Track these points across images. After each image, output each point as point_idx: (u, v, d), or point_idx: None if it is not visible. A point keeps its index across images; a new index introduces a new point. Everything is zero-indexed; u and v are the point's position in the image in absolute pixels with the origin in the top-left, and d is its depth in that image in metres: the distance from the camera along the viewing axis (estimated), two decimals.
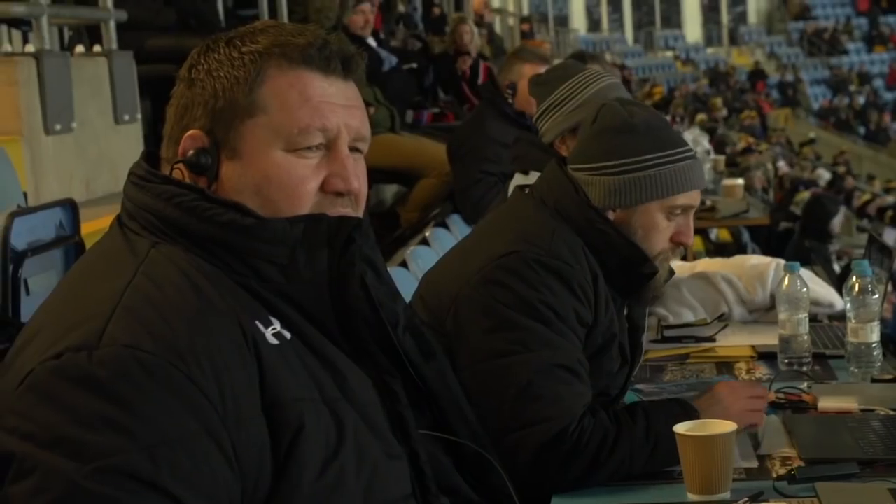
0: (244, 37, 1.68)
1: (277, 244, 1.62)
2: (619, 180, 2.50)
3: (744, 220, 7.07)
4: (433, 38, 10.16)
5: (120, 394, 1.46)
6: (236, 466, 1.50)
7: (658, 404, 2.45)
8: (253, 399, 1.53)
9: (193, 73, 1.68)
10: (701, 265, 3.87)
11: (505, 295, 2.38)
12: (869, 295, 2.91)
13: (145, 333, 1.50)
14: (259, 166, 1.64)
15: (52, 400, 1.46)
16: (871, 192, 22.25)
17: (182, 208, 1.62)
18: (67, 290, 1.65)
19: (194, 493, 1.45)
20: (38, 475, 1.42)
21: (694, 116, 20.87)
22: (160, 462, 1.44)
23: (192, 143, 1.65)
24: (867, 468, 2.28)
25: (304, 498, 1.54)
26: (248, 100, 1.64)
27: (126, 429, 1.44)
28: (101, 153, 4.81)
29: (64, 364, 1.48)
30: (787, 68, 34.30)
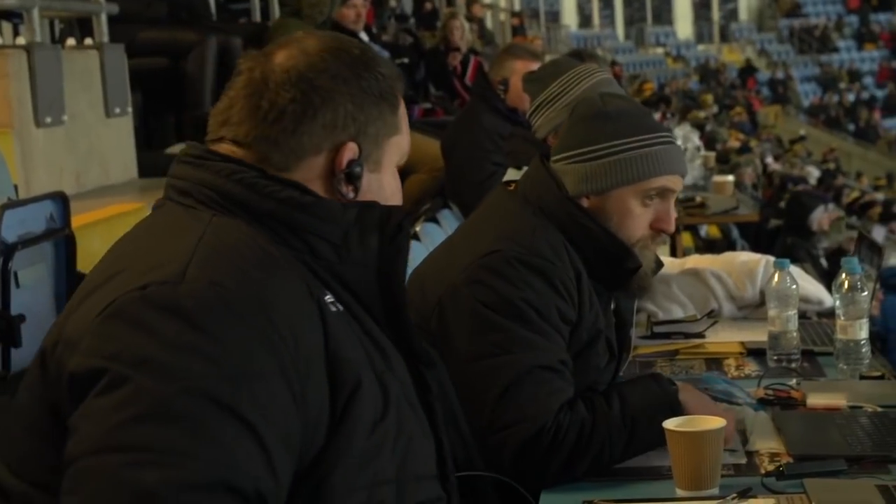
0: (373, 57, 1.80)
1: (332, 223, 1.69)
2: (591, 166, 2.50)
3: (733, 216, 7.07)
4: (424, 34, 10.16)
5: (205, 324, 1.52)
6: (302, 413, 1.56)
7: (634, 383, 2.45)
8: (318, 352, 1.60)
9: (317, 79, 1.72)
10: (690, 261, 3.87)
11: (487, 294, 2.38)
12: (858, 292, 2.92)
13: (227, 276, 1.57)
14: (386, 181, 1.80)
15: (138, 325, 1.52)
16: (859, 189, 22.30)
17: (243, 184, 1.68)
18: (131, 246, 1.70)
19: (268, 426, 1.51)
20: (126, 389, 1.47)
21: (685, 113, 20.88)
22: (241, 392, 1.50)
23: (349, 153, 1.73)
24: (855, 465, 2.29)
25: (353, 456, 1.61)
26: (392, 119, 1.78)
27: (210, 357, 1.50)
28: (91, 146, 4.81)
29: (150, 294, 1.54)
30: (778, 65, 34.34)
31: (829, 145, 27.45)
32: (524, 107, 5.40)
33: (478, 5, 13.49)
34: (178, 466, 1.44)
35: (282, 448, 1.53)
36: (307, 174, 1.72)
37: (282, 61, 1.73)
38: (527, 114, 5.37)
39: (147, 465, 1.43)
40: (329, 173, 1.73)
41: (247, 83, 1.74)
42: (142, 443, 1.45)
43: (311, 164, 1.72)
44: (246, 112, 1.72)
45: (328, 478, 1.59)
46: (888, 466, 2.30)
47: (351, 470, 1.61)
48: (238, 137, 1.73)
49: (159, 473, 1.43)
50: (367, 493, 1.63)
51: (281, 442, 1.53)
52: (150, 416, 1.46)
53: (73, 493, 1.46)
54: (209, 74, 5.68)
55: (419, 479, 1.72)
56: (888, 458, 2.32)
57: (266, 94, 1.71)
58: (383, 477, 1.65)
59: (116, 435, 1.45)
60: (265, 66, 1.74)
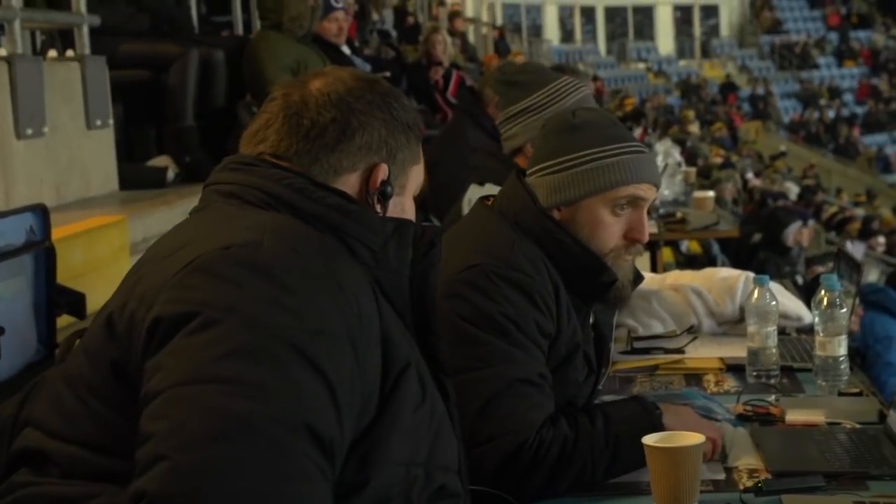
0: (399, 91, 1.94)
1: (373, 232, 1.81)
2: (559, 178, 2.51)
3: (714, 232, 7.08)
4: (406, 48, 10.18)
5: (286, 282, 1.62)
6: (362, 379, 1.65)
7: (618, 405, 2.46)
8: (375, 328, 1.70)
9: (355, 103, 1.85)
10: (671, 277, 3.89)
11: (466, 309, 2.38)
12: (837, 309, 2.93)
13: (301, 247, 1.68)
14: (408, 205, 1.93)
15: (224, 278, 1.62)
16: (839, 205, 22.40)
17: (292, 188, 1.78)
18: (191, 229, 1.78)
19: (341, 383, 1.60)
20: (219, 329, 1.56)
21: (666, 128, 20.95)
22: (320, 346, 1.59)
23: (381, 174, 1.85)
24: (833, 481, 2.30)
25: (399, 432, 1.70)
26: (417, 149, 1.92)
27: (292, 311, 1.59)
28: (72, 158, 4.79)
29: (234, 252, 1.64)
30: (759, 81, 34.48)
31: (809, 161, 27.57)
32: None
33: (460, 20, 13.54)
34: (268, 401, 1.52)
35: (348, 408, 1.61)
36: (343, 189, 1.82)
37: (320, 87, 1.85)
38: None
39: (240, 396, 1.51)
40: (363, 192, 1.85)
41: (285, 105, 1.84)
42: (235, 376, 1.53)
43: (347, 181, 1.84)
44: (286, 130, 1.83)
45: (375, 449, 1.67)
46: (866, 483, 2.31)
47: (396, 445, 1.70)
48: (279, 152, 1.82)
49: (251, 405, 1.51)
50: (405, 470, 1.72)
51: (348, 403, 1.61)
52: (242, 354, 1.55)
53: (164, 417, 1.52)
54: (191, 87, 5.67)
55: (445, 469, 1.81)
56: (866, 475, 2.33)
57: (307, 114, 1.82)
58: (418, 458, 1.75)
59: (210, 368, 1.53)
60: (303, 91, 1.85)
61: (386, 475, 1.69)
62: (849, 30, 37.61)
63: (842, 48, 36.89)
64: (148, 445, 1.50)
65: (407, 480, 1.72)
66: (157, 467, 1.47)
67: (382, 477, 1.68)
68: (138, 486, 1.48)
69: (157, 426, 1.51)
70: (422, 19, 12.71)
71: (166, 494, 1.46)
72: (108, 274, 3.61)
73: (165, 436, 1.50)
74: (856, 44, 37.09)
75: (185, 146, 5.62)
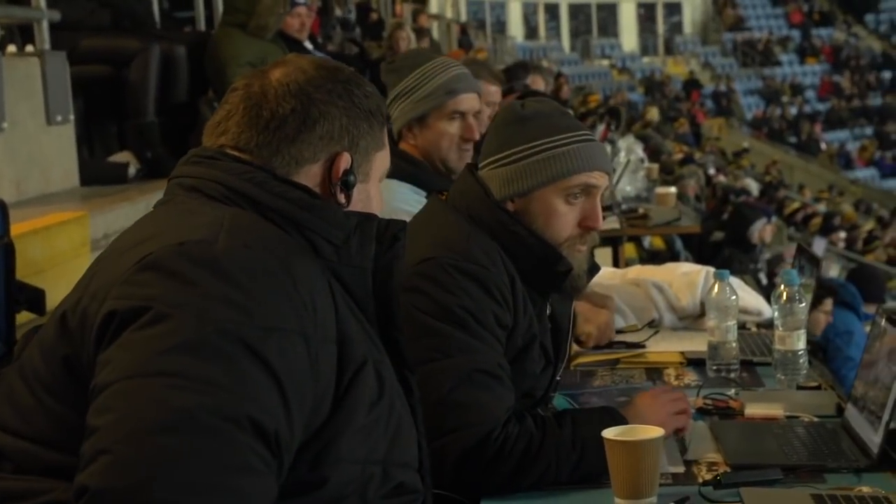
0: (361, 78, 1.94)
1: (336, 226, 1.81)
2: (511, 169, 2.52)
3: (676, 227, 7.11)
4: (370, 44, 10.16)
5: (238, 278, 1.62)
6: (315, 377, 1.66)
7: (587, 412, 2.46)
8: (331, 325, 1.71)
9: (315, 93, 1.84)
10: (632, 272, 3.90)
11: (423, 301, 2.39)
12: (796, 303, 2.95)
13: (256, 244, 1.69)
14: (373, 192, 1.93)
15: (174, 274, 1.62)
16: (801, 201, 22.54)
17: (253, 182, 1.78)
18: (150, 225, 1.78)
19: (290, 380, 1.61)
20: (168, 323, 1.57)
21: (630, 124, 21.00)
22: (270, 342, 1.60)
23: (344, 163, 1.85)
24: (791, 474, 2.32)
25: (354, 431, 1.71)
26: (380, 135, 1.92)
27: (243, 308, 1.60)
28: (32, 154, 4.76)
29: (186, 248, 1.65)
30: (721, 78, 34.63)
31: (772, 158, 27.72)
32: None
33: (424, 16, 13.52)
34: (213, 395, 1.54)
35: (298, 403, 1.62)
36: (305, 181, 1.83)
37: (280, 77, 1.84)
38: None
39: (186, 390, 1.53)
40: (326, 181, 1.85)
41: (245, 96, 1.84)
42: (181, 370, 1.54)
43: (309, 171, 1.84)
44: (246, 122, 1.82)
45: (330, 448, 1.69)
46: (823, 476, 2.33)
47: (351, 443, 1.71)
48: (240, 145, 1.82)
49: (196, 398, 1.53)
50: (361, 469, 1.73)
51: (298, 397, 1.62)
52: (189, 348, 1.56)
53: (109, 410, 1.52)
54: (152, 83, 5.64)
55: (404, 466, 1.82)
56: (823, 468, 2.35)
57: (267, 105, 1.82)
58: (375, 456, 1.76)
59: (156, 361, 1.54)
60: (263, 81, 1.84)
61: (340, 473, 1.69)
62: (811, 27, 37.84)
63: (804, 45, 37.10)
64: (92, 439, 1.51)
65: (363, 479, 1.73)
66: (99, 461, 1.48)
67: (337, 475, 1.69)
68: (80, 480, 1.48)
69: (101, 420, 1.52)
70: (385, 15, 12.69)
71: (108, 489, 1.46)
72: (69, 270, 3.58)
73: (108, 429, 1.50)
74: (818, 41, 37.31)
75: (147, 142, 5.59)
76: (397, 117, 3.45)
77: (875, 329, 2.58)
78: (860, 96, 34.69)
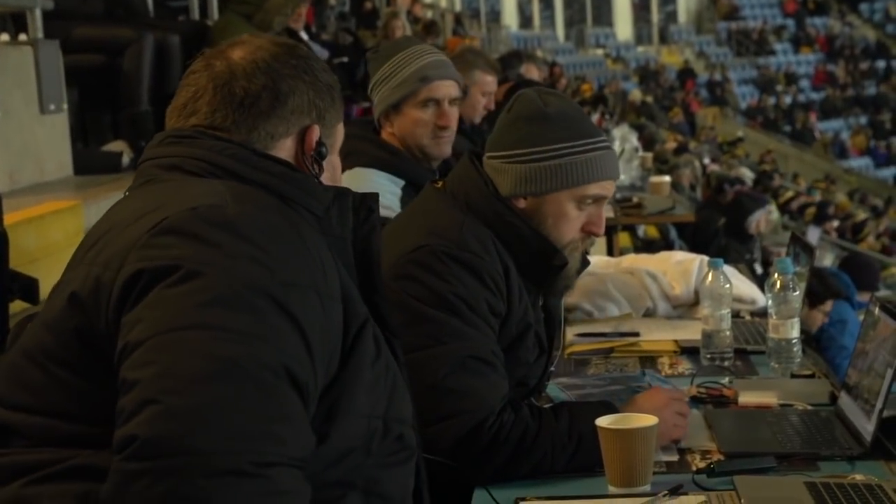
0: (314, 54, 1.96)
1: (316, 198, 1.84)
2: (530, 168, 2.51)
3: (669, 216, 7.11)
4: (365, 33, 10.15)
5: (256, 238, 1.66)
6: (329, 331, 1.70)
7: (584, 405, 2.47)
8: (336, 285, 1.74)
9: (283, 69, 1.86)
10: (626, 261, 3.91)
11: (416, 289, 2.39)
12: (790, 292, 2.96)
13: (263, 206, 1.72)
14: (336, 162, 1.97)
15: (195, 236, 1.64)
16: (795, 190, 22.56)
17: (235, 158, 1.80)
18: (143, 199, 1.77)
19: (313, 332, 1.65)
20: (200, 280, 1.60)
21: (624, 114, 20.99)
22: (292, 296, 1.64)
23: (315, 135, 1.88)
24: (784, 462, 2.32)
25: (361, 385, 1.75)
26: (340, 107, 1.95)
27: (266, 265, 1.64)
28: (25, 143, 4.75)
29: (201, 212, 1.67)
30: (716, 67, 34.60)
31: (767, 147, 27.71)
32: (472, 116, 5.40)
33: (418, 5, 13.49)
34: (252, 345, 1.57)
35: (320, 357, 1.66)
36: (281, 155, 1.85)
37: (244, 55, 1.86)
38: (471, 123, 5.38)
39: (227, 341, 1.56)
40: (298, 154, 1.88)
41: (212, 76, 1.84)
42: (220, 323, 1.57)
43: (284, 145, 1.86)
44: (219, 100, 1.83)
45: (341, 401, 1.72)
46: (817, 464, 2.33)
47: (359, 397, 1.75)
48: (215, 123, 1.83)
49: (237, 348, 1.56)
50: (367, 422, 1.77)
51: (319, 350, 1.66)
52: (224, 302, 1.59)
53: (150, 363, 1.53)
54: (146, 72, 5.63)
55: (401, 421, 1.85)
56: (817, 456, 2.36)
57: (238, 83, 1.83)
58: (378, 411, 1.80)
59: (195, 314, 1.57)
60: (227, 61, 1.85)
61: (349, 426, 1.73)
62: (805, 16, 37.79)
63: (798, 35, 37.06)
64: (133, 392, 1.52)
65: (368, 432, 1.77)
66: (147, 411, 1.49)
67: (346, 428, 1.73)
68: (126, 431, 1.49)
69: (142, 373, 1.53)
70: (380, 4, 12.66)
71: (158, 436, 1.47)
72: (62, 259, 3.57)
73: (153, 380, 1.51)
74: (812, 30, 37.27)
75: (140, 131, 5.58)
76: (376, 105, 3.44)
77: (869, 318, 2.59)
78: (854, 85, 34.68)
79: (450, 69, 3.46)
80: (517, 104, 2.58)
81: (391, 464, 1.82)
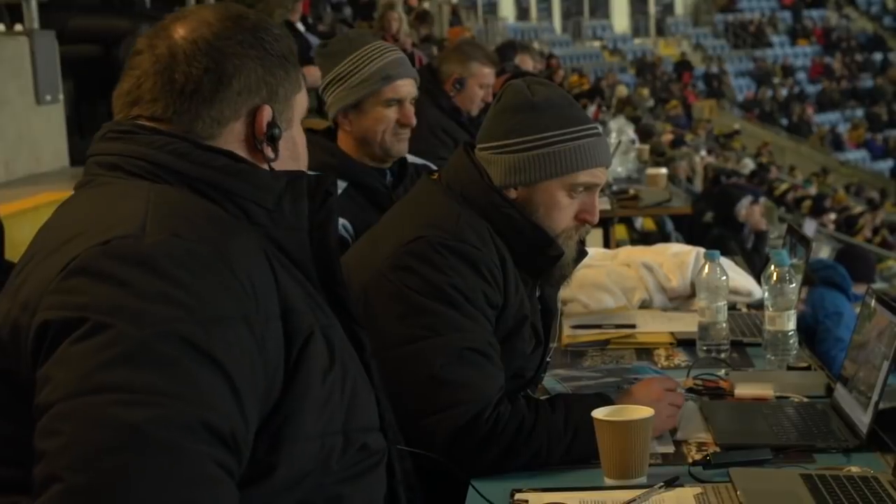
0: (267, 20, 1.84)
1: (265, 190, 1.74)
2: (519, 158, 2.50)
3: (666, 209, 7.12)
4: (361, 24, 10.12)
5: (171, 273, 1.55)
6: (264, 360, 1.60)
7: (580, 397, 2.46)
8: (273, 301, 1.64)
9: (226, 48, 1.75)
10: (623, 253, 3.91)
11: (413, 280, 2.38)
12: (786, 284, 2.96)
13: (185, 229, 1.61)
14: (298, 137, 1.86)
15: (105, 277, 1.54)
16: (790, 182, 22.56)
17: (176, 154, 1.70)
18: (71, 218, 1.69)
19: (240, 371, 1.55)
20: (106, 334, 1.49)
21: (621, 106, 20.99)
22: (213, 335, 1.53)
23: (266, 115, 1.77)
24: (780, 454, 2.33)
25: (309, 405, 1.66)
26: (296, 77, 1.83)
27: (180, 302, 1.53)
28: (21, 133, 4.75)
29: (112, 247, 1.56)
30: (713, 60, 34.59)
31: (763, 139, 27.72)
32: (470, 108, 5.39)
33: None
34: (160, 405, 1.47)
35: (249, 393, 1.57)
36: (230, 140, 1.76)
37: (185, 34, 1.75)
38: (468, 115, 5.36)
39: (132, 405, 1.46)
40: (250, 137, 1.77)
41: (154, 61, 1.74)
42: (125, 383, 1.47)
43: (233, 130, 1.76)
44: (160, 89, 1.73)
45: (287, 426, 1.63)
46: (813, 456, 2.34)
47: (307, 418, 1.66)
48: (156, 114, 1.74)
49: (145, 412, 1.46)
50: (321, 442, 1.68)
51: (249, 387, 1.56)
52: (130, 359, 1.48)
53: (55, 434, 1.46)
54: None
55: (365, 429, 1.78)
56: (813, 448, 2.36)
57: (178, 68, 1.73)
58: (334, 427, 1.70)
59: (99, 377, 1.47)
60: (169, 41, 1.75)
61: (300, 452, 1.64)
62: (802, 9, 37.78)
63: (795, 27, 37.05)
64: (42, 464, 1.45)
65: (323, 452, 1.68)
66: (52, 489, 1.42)
67: (295, 455, 1.64)
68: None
69: (48, 444, 1.45)
70: None
71: None
72: None
73: (56, 454, 1.44)
74: (809, 22, 37.27)
75: None
76: (332, 103, 3.36)
77: (865, 310, 2.59)
78: (851, 78, 34.69)
79: (409, 67, 3.40)
80: (505, 95, 2.58)
81: (356, 475, 1.75)
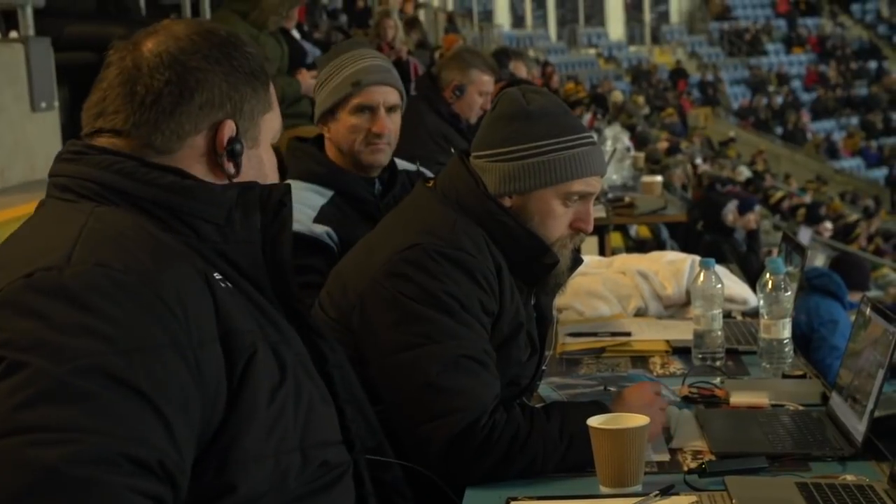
0: (239, 38, 1.83)
1: (214, 205, 1.73)
2: (514, 166, 2.50)
3: (661, 216, 7.12)
4: (357, 32, 10.13)
5: (93, 303, 1.53)
6: (199, 384, 1.58)
7: (576, 405, 2.46)
8: (211, 326, 1.63)
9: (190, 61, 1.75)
10: (618, 261, 3.91)
11: (409, 287, 2.38)
12: (782, 292, 2.96)
13: (112, 257, 1.59)
14: (265, 156, 1.85)
15: (25, 311, 1.53)
16: (785, 190, 22.58)
17: (122, 173, 1.70)
18: (12, 244, 1.70)
19: (166, 397, 1.53)
20: (22, 373, 1.48)
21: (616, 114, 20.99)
22: (135, 365, 1.52)
23: (228, 131, 1.76)
24: (776, 462, 2.32)
25: (257, 425, 1.64)
26: (266, 96, 1.82)
27: (101, 334, 1.51)
28: (16, 141, 4.74)
29: (35, 280, 1.55)
30: (708, 68, 34.64)
31: (758, 147, 27.75)
32: (469, 115, 5.39)
33: (410, 3, 13.48)
34: (78, 442, 1.45)
35: (181, 419, 1.55)
36: (189, 155, 1.75)
37: (152, 47, 1.75)
38: (468, 122, 5.36)
39: (47, 444, 1.44)
40: (211, 152, 1.76)
41: (119, 73, 1.75)
42: (40, 423, 1.45)
43: (193, 144, 1.75)
44: (122, 100, 1.74)
45: (234, 447, 1.62)
46: (808, 464, 2.33)
47: (256, 438, 1.64)
48: (116, 126, 1.74)
49: (59, 450, 1.44)
50: (274, 461, 1.66)
51: (180, 413, 1.54)
52: (46, 397, 1.47)
53: None
54: None
55: (324, 445, 1.75)
56: (808, 456, 2.36)
57: (140, 80, 1.73)
58: (288, 445, 1.68)
59: (14, 417, 1.46)
60: (135, 54, 1.75)
61: (252, 473, 1.63)
62: (797, 17, 37.86)
63: (790, 35, 37.11)
64: None
65: (278, 472, 1.66)
66: None
67: (248, 475, 1.62)
68: None
69: None
70: (372, 3, 12.65)
71: None
72: None
73: None
74: (804, 31, 37.33)
75: None
76: (315, 109, 3.36)
77: (860, 318, 2.59)
78: (846, 86, 34.74)
79: (387, 75, 3.32)
80: (501, 103, 2.58)
81: (317, 490, 1.73)
